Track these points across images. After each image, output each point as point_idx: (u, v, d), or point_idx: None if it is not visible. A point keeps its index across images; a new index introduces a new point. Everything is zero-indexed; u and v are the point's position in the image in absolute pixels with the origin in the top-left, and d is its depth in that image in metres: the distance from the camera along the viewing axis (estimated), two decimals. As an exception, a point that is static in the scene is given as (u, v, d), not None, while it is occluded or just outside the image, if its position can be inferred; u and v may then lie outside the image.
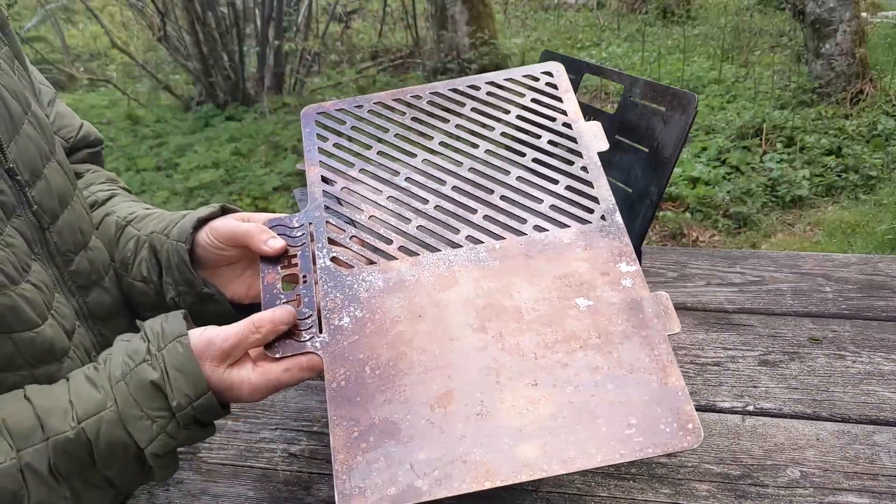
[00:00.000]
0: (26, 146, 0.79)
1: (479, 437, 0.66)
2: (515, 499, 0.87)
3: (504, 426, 0.66)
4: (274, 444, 0.98)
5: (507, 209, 0.82)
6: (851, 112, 5.37)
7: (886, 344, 1.19)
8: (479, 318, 0.73)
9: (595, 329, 0.72)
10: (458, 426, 0.67)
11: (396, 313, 0.75)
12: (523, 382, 0.69)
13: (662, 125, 0.87)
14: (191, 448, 0.97)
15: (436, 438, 0.66)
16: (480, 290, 0.75)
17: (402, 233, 0.82)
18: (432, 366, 0.71)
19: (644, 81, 0.93)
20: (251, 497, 0.88)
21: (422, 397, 0.69)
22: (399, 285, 0.77)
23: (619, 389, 0.68)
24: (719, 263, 1.50)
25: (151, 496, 0.88)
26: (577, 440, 0.65)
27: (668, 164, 0.85)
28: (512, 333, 0.72)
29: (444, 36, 6.51)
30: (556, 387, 0.68)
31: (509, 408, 0.67)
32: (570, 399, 0.67)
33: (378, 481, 0.64)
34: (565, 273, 0.76)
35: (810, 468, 0.92)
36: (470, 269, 0.77)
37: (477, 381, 0.69)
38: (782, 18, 8.23)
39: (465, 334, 0.72)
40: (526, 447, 0.65)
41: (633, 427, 0.65)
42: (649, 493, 0.88)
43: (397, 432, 0.67)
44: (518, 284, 0.76)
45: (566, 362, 0.70)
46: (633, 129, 0.92)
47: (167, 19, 6.54)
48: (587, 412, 0.67)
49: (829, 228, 4.13)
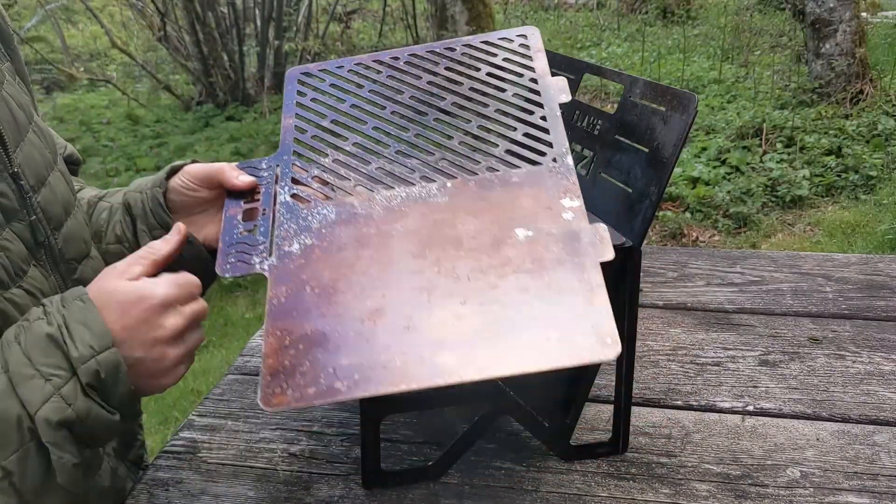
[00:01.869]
0: (31, 153, 0.80)
1: (403, 346, 0.69)
2: (515, 499, 0.87)
3: (428, 338, 0.69)
4: (274, 444, 0.98)
5: (464, 153, 0.87)
6: (851, 112, 5.37)
7: (886, 344, 1.19)
8: (421, 245, 0.78)
9: (530, 256, 0.75)
10: (384, 338, 0.70)
11: (344, 241, 0.79)
12: (453, 301, 0.72)
13: (662, 125, 0.87)
14: (191, 448, 0.97)
15: (361, 348, 0.70)
16: (426, 221, 0.80)
17: (361, 173, 0.86)
18: (369, 286, 0.74)
19: (644, 81, 0.93)
20: (251, 497, 0.88)
21: (354, 312, 0.72)
22: (351, 218, 0.82)
23: (544, 308, 0.70)
24: (719, 263, 1.50)
25: (151, 496, 0.88)
26: (496, 351, 0.68)
27: (668, 164, 0.85)
28: (449, 259, 0.76)
29: (444, 36, 6.51)
30: (483, 305, 0.71)
31: (436, 323, 0.70)
32: (495, 316, 0.70)
33: (300, 383, 0.68)
34: (510, 207, 0.80)
35: (810, 468, 0.92)
36: (419, 205, 0.82)
37: (409, 300, 0.73)
38: (782, 18, 8.23)
39: (404, 259, 0.77)
40: (446, 356, 0.68)
41: (552, 340, 0.68)
42: (649, 493, 0.88)
43: (326, 342, 0.70)
44: (462, 217, 0.80)
45: (497, 284, 0.73)
46: (632, 129, 0.92)
47: (167, 19, 6.54)
48: (510, 327, 0.69)
49: (829, 228, 4.13)
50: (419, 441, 0.98)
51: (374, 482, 0.89)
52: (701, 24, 8.64)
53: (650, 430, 0.99)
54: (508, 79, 0.94)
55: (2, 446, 0.63)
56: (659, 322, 1.28)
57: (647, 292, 1.38)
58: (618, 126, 0.96)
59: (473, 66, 0.96)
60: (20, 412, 0.63)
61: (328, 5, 7.91)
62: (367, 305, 0.73)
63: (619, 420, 0.94)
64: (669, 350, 1.19)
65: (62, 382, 0.64)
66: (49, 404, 0.63)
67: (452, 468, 0.91)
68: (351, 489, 0.89)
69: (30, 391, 0.63)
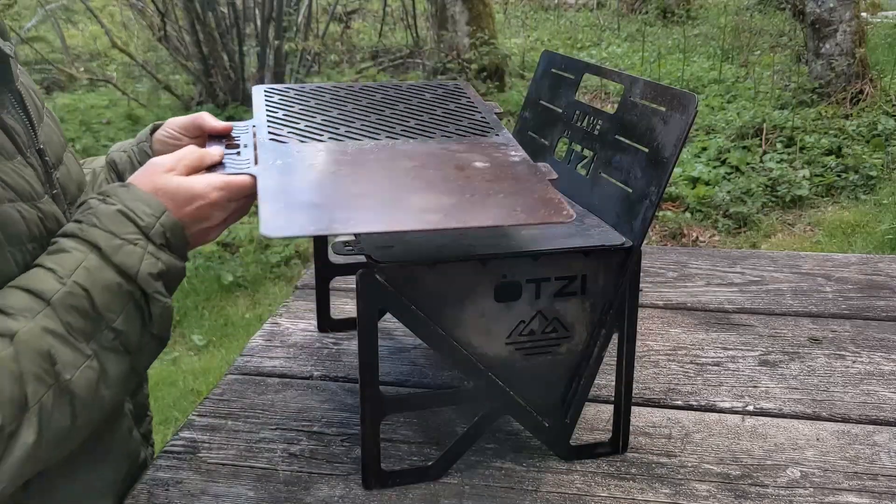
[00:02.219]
0: (49, 135, 0.89)
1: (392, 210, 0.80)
2: (515, 499, 0.87)
3: (413, 206, 0.80)
4: (274, 444, 0.98)
5: (419, 131, 1.00)
6: (851, 112, 5.37)
7: (886, 344, 1.19)
8: (392, 166, 0.89)
9: (490, 172, 0.88)
10: (373, 204, 0.81)
11: (322, 163, 0.88)
12: (430, 192, 0.84)
13: (662, 125, 0.87)
14: (191, 448, 0.97)
15: (355, 208, 0.80)
16: (394, 154, 0.92)
17: (332, 133, 0.97)
18: (351, 183, 0.84)
19: (644, 81, 0.93)
20: (251, 497, 0.88)
21: (345, 194, 0.82)
22: (326, 151, 0.92)
23: (509, 195, 0.83)
24: (719, 263, 1.50)
25: (151, 496, 0.88)
26: (472, 214, 0.79)
27: (668, 164, 0.85)
28: (420, 174, 0.87)
29: (444, 36, 6.51)
30: (456, 192, 0.83)
31: (418, 201, 0.81)
32: (468, 197, 0.82)
33: (301, 222, 0.76)
34: (465, 153, 0.94)
35: (810, 468, 0.92)
36: (387, 149, 0.94)
37: (390, 191, 0.84)
38: (782, 18, 8.23)
39: (379, 172, 0.87)
40: (430, 214, 0.78)
41: (518, 209, 0.80)
42: (649, 493, 0.88)
43: (321, 206, 0.79)
44: (426, 155, 0.92)
45: (467, 182, 0.85)
46: (632, 129, 0.92)
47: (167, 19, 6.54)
48: (481, 203, 0.81)
49: (829, 228, 4.13)
50: (419, 441, 0.98)
51: (374, 482, 0.89)
52: (701, 24, 8.64)
53: (650, 430, 0.99)
54: (449, 98, 1.11)
55: (111, 310, 0.74)
56: (659, 322, 1.28)
57: (647, 292, 1.38)
58: (618, 126, 0.96)
59: (420, 93, 1.12)
60: (118, 279, 0.75)
61: (328, 5, 7.90)
62: (354, 191, 0.82)
63: (619, 420, 0.94)
64: (669, 350, 1.19)
65: (146, 244, 0.77)
66: (146, 262, 0.76)
67: (452, 468, 0.91)
68: (351, 489, 0.89)
69: (125, 256, 0.75)
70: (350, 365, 1.16)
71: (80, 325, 0.73)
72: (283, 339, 1.24)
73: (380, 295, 0.82)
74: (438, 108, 1.07)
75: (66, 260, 0.74)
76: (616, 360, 0.92)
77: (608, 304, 0.89)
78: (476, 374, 0.87)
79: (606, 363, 0.93)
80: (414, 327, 0.84)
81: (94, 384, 0.74)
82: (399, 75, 6.92)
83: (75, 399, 0.72)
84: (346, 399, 1.07)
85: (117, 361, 0.76)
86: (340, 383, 1.12)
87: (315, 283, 1.24)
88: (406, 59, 7.32)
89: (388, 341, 1.22)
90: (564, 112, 1.09)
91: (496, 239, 0.87)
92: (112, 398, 0.77)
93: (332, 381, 1.12)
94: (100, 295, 0.74)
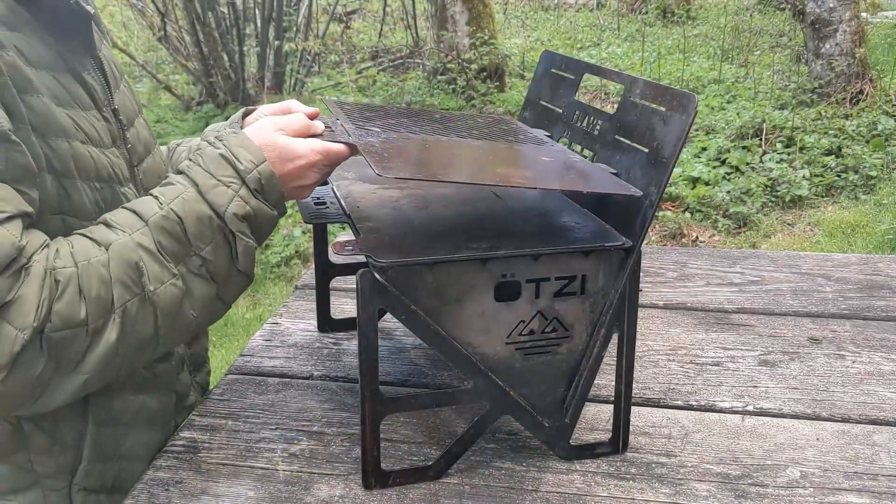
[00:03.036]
0: (124, 100, 1.01)
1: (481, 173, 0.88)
2: (515, 499, 0.87)
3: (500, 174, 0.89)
4: (274, 444, 0.98)
5: (483, 137, 1.05)
6: (851, 112, 5.37)
7: (886, 344, 1.19)
8: (469, 150, 0.97)
9: (557, 163, 0.95)
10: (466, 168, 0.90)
11: (406, 140, 0.95)
12: (510, 167, 0.94)
13: (662, 125, 0.87)
14: (191, 448, 0.97)
15: (450, 167, 0.89)
16: (470, 146, 0.98)
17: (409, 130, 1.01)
18: (441, 154, 0.93)
19: (644, 82, 0.93)
20: (251, 497, 0.88)
21: (439, 159, 0.92)
22: (408, 137, 0.97)
23: (580, 174, 0.91)
24: (719, 263, 1.50)
25: (151, 496, 0.88)
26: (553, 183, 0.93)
27: (668, 164, 0.85)
28: (498, 157, 0.97)
29: (444, 36, 6.51)
30: (531, 169, 0.93)
31: (502, 170, 0.92)
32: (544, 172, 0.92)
33: (410, 169, 0.84)
34: (531, 152, 1.01)
35: (810, 468, 0.92)
36: (460, 142, 0.99)
37: (476, 161, 0.93)
38: (782, 18, 8.23)
39: (459, 151, 0.95)
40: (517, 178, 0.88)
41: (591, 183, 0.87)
42: (649, 492, 0.88)
43: (421, 162, 0.89)
44: (496, 150, 1.00)
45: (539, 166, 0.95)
46: (632, 129, 0.92)
47: (167, 19, 6.54)
48: (559, 176, 0.91)
49: (828, 228, 4.13)
50: (419, 441, 0.98)
51: (374, 482, 0.89)
52: (701, 25, 8.64)
53: (650, 430, 0.99)
54: (502, 123, 1.17)
55: (200, 240, 0.84)
56: (659, 322, 1.28)
57: (647, 292, 1.38)
58: (618, 126, 0.96)
59: (472, 119, 1.17)
60: (210, 213, 0.84)
61: (328, 5, 7.90)
62: (443, 161, 0.92)
63: (619, 420, 0.94)
64: (669, 350, 1.19)
65: (238, 187, 0.85)
66: (234, 203, 0.85)
67: (452, 468, 0.91)
68: (351, 489, 0.89)
69: (217, 195, 0.84)
70: (350, 365, 1.16)
71: (171, 247, 0.82)
72: (283, 339, 1.24)
73: (380, 295, 0.82)
74: (494, 128, 1.12)
75: (169, 191, 0.85)
76: (616, 360, 0.92)
77: (608, 304, 0.89)
78: (476, 374, 0.87)
79: (606, 363, 0.93)
80: (414, 327, 0.84)
81: (179, 301, 0.83)
82: (399, 75, 6.92)
83: (158, 310, 0.81)
84: (346, 399, 1.07)
85: (203, 286, 0.85)
86: (340, 383, 1.12)
87: (315, 283, 1.24)
88: (406, 60, 7.32)
89: (388, 341, 1.22)
90: (564, 112, 1.10)
91: (496, 239, 0.87)
92: (196, 320, 0.85)
93: (332, 381, 1.12)
94: (192, 224, 0.83)
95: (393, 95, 6.20)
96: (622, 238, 0.88)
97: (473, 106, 5.95)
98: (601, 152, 0.98)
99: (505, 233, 0.89)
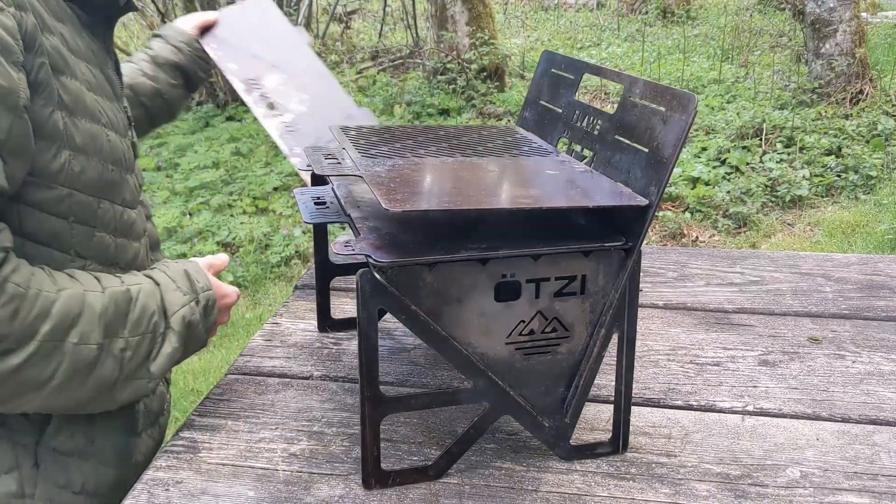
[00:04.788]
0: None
1: (489, 197, 0.91)
2: (515, 499, 0.87)
3: (508, 195, 0.92)
4: (274, 444, 0.98)
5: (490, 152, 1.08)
6: (851, 112, 5.37)
7: (886, 344, 1.19)
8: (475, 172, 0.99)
9: (563, 175, 0.97)
10: (474, 193, 0.92)
11: (414, 168, 0.98)
12: (517, 187, 0.96)
13: (662, 125, 0.87)
14: (191, 448, 0.97)
15: (458, 194, 0.90)
16: (474, 166, 1.01)
17: (414, 154, 1.04)
18: (448, 180, 0.95)
19: (643, 82, 0.93)
20: (251, 497, 0.88)
21: (447, 186, 0.93)
22: (414, 163, 1.00)
23: (586, 189, 0.92)
24: (719, 263, 1.50)
25: (151, 496, 0.88)
26: (559, 202, 0.89)
27: (668, 164, 0.85)
28: (504, 177, 0.98)
29: (444, 36, 6.51)
30: (538, 187, 0.95)
31: (509, 190, 0.94)
32: (551, 190, 0.93)
33: (417, 201, 0.85)
34: (535, 166, 1.02)
35: (810, 468, 0.92)
36: (465, 163, 1.02)
37: (483, 185, 0.95)
38: (782, 18, 8.23)
39: (465, 174, 0.97)
40: (523, 199, 0.88)
41: (597, 198, 0.87)
42: (649, 492, 0.88)
43: (430, 192, 0.91)
44: (502, 167, 1.02)
45: (545, 181, 0.97)
46: (632, 129, 0.92)
47: (167, 19, 6.54)
48: (564, 193, 0.91)
49: (828, 228, 4.13)
50: (419, 441, 0.98)
51: (374, 482, 0.89)
52: (701, 25, 8.64)
53: (650, 430, 0.99)
54: (506, 135, 1.18)
55: (135, 327, 0.89)
56: (659, 322, 1.28)
57: (647, 292, 1.38)
58: (618, 126, 0.96)
59: (476, 132, 1.20)
60: (156, 309, 0.92)
61: (328, 5, 7.90)
62: (450, 186, 0.93)
63: (619, 420, 0.94)
64: (669, 350, 1.19)
65: (192, 299, 0.96)
66: (185, 308, 0.94)
67: (452, 468, 0.91)
68: (351, 489, 0.89)
69: (173, 297, 0.94)
70: (350, 365, 1.16)
71: (112, 320, 0.87)
72: (283, 339, 1.24)
73: (380, 295, 0.82)
74: (498, 140, 1.14)
75: (132, 278, 0.94)
76: (616, 360, 0.92)
77: (608, 304, 0.89)
78: (476, 374, 0.87)
79: (606, 363, 0.93)
80: (414, 327, 0.84)
81: (86, 367, 0.85)
82: (399, 75, 6.92)
83: (65, 362, 0.83)
84: (346, 399, 1.07)
85: (110, 368, 0.87)
86: (340, 383, 1.12)
87: (315, 283, 1.24)
88: (406, 60, 7.32)
89: (388, 341, 1.22)
90: (564, 112, 1.10)
91: (496, 239, 0.87)
92: (81, 397, 0.87)
93: (332, 381, 1.12)
94: (137, 310, 0.90)
95: (393, 95, 6.20)
96: (622, 238, 0.88)
97: (473, 106, 5.95)
98: (601, 152, 0.98)
99: (505, 233, 0.89)
